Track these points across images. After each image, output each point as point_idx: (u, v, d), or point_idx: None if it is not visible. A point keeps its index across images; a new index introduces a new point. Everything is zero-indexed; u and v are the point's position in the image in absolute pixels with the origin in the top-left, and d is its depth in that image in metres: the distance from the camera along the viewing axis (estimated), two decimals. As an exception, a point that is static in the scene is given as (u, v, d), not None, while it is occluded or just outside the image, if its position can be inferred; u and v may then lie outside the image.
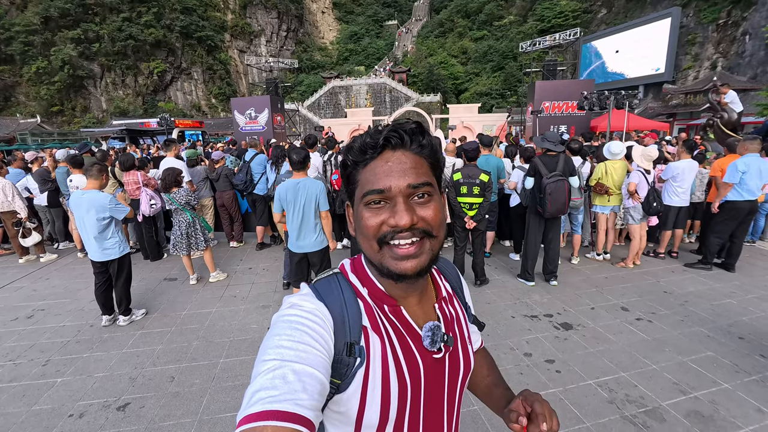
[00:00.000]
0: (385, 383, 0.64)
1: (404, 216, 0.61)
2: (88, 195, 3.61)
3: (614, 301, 4.21)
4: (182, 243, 4.63)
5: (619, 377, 2.92)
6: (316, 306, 0.64)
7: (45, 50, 40.08)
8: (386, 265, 0.64)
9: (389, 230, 0.62)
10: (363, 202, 0.64)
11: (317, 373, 0.55)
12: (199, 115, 44.62)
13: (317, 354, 0.57)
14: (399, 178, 0.62)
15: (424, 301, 0.74)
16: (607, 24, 34.40)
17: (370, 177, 0.64)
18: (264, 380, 0.52)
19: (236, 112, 16.79)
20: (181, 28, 47.49)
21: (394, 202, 0.63)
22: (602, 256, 5.46)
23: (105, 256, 3.73)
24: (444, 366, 0.72)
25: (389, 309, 0.69)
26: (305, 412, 0.50)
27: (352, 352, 0.63)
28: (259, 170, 6.01)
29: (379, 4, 73.20)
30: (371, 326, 0.66)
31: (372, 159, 0.65)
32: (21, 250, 5.99)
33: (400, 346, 0.67)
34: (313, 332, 0.60)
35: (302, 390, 0.52)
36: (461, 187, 4.24)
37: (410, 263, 0.63)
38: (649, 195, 4.76)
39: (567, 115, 14.41)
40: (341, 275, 0.71)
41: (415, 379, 0.67)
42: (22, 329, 3.92)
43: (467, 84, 45.86)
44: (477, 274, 4.56)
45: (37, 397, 2.86)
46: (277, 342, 0.57)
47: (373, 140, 0.64)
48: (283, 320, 0.61)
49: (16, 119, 32.44)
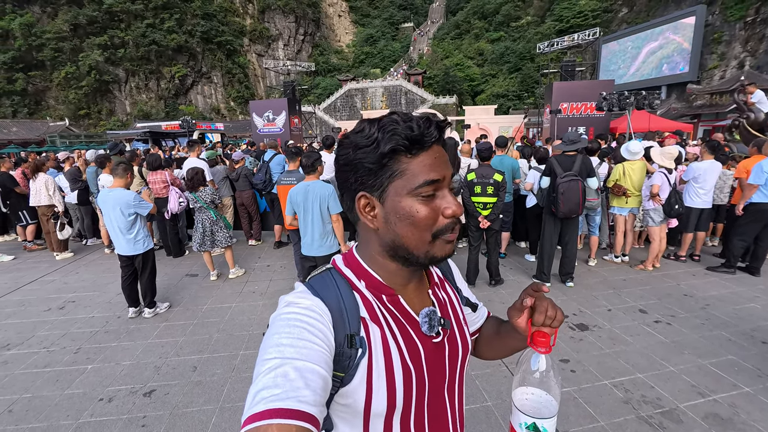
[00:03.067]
0: (389, 371, 0.65)
1: (458, 205, 0.65)
2: (114, 192, 3.81)
3: (632, 304, 4.15)
4: (206, 240, 4.79)
5: (636, 378, 2.89)
6: (312, 302, 0.64)
7: (73, 56, 41.84)
8: (433, 253, 0.65)
9: (448, 222, 0.64)
10: (414, 193, 0.63)
11: (319, 368, 0.56)
12: (218, 118, 45.65)
13: (318, 349, 0.58)
14: (447, 168, 0.65)
15: (419, 288, 0.76)
16: (628, 23, 33.64)
17: (423, 167, 0.63)
18: (266, 379, 0.52)
19: (254, 114, 17.14)
20: (202, 34, 48.86)
21: (444, 193, 0.65)
22: (620, 258, 5.38)
23: (131, 251, 3.92)
24: (444, 350, 0.74)
25: (387, 299, 0.70)
26: (308, 408, 0.51)
27: (353, 344, 0.64)
28: (278, 170, 6.16)
29: (395, 6, 73.56)
30: (370, 317, 0.67)
31: (424, 150, 0.64)
32: (55, 246, 6.30)
33: (400, 334, 0.68)
34: (312, 328, 0.60)
35: (305, 386, 0.52)
36: (475, 186, 4.27)
37: (451, 247, 0.67)
38: (670, 196, 4.67)
39: (586, 116, 14.17)
40: (335, 270, 0.72)
41: (418, 364, 0.68)
42: (55, 319, 4.13)
43: (483, 86, 45.59)
44: (491, 273, 4.57)
45: (69, 382, 3.02)
46: (276, 340, 0.57)
47: (430, 132, 0.63)
48: (282, 319, 0.61)
49: (46, 122, 33.95)
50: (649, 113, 12.04)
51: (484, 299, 4.30)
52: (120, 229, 3.85)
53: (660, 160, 4.78)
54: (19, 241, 7.14)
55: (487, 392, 2.86)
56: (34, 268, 5.80)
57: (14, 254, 6.44)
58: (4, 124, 30.33)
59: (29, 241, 6.81)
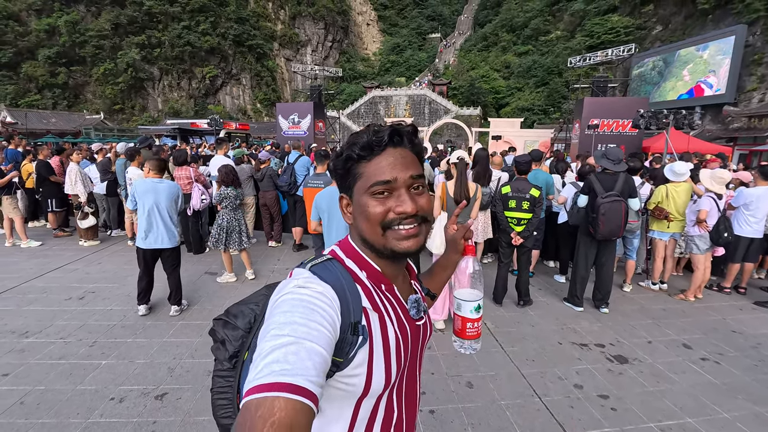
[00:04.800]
0: (386, 355, 0.71)
1: (410, 203, 0.71)
2: (166, 183, 3.85)
3: (674, 337, 3.83)
4: (222, 238, 4.73)
5: (685, 423, 2.61)
6: (324, 288, 0.67)
7: (113, 54, 43.64)
8: (390, 246, 0.73)
9: (395, 217, 0.71)
10: (369, 192, 0.72)
11: (324, 352, 0.58)
12: (244, 119, 46.68)
13: (325, 333, 0.60)
14: (403, 170, 0.72)
15: (405, 278, 0.87)
16: (662, 41, 32.68)
17: (376, 170, 0.72)
18: (278, 354, 0.53)
19: (280, 116, 17.30)
20: (234, 37, 50.26)
21: (399, 192, 0.72)
22: (658, 285, 5.04)
23: (169, 244, 3.89)
24: (420, 331, 0.83)
25: (385, 287, 0.78)
26: (314, 387, 0.52)
27: (356, 332, 0.68)
28: (302, 172, 6.09)
29: (423, 17, 74.02)
30: (371, 306, 0.72)
31: (377, 154, 0.73)
32: (83, 233, 6.40)
33: (395, 319, 0.76)
34: (324, 312, 0.62)
35: (312, 367, 0.54)
36: (510, 201, 4.05)
37: (412, 242, 0.73)
38: (719, 223, 4.33)
39: (617, 134, 13.67)
40: (336, 261, 0.75)
41: (406, 345, 0.76)
42: (74, 309, 4.12)
43: (509, 98, 45.04)
44: (520, 293, 4.32)
45: (82, 377, 2.95)
46: (289, 318, 0.59)
47: (379, 138, 0.72)
48: (294, 298, 0.63)
49: (82, 115, 35.42)
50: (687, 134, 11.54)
51: (513, 321, 4.06)
52: (163, 220, 3.83)
53: (710, 184, 4.46)
54: (48, 228, 7.30)
55: (498, 392, 2.87)
56: (59, 256, 5.88)
57: (42, 240, 6.56)
58: (45, 115, 31.76)
59: (55, 228, 6.95)
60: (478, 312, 0.89)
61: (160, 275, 4.03)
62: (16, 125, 25.95)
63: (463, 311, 0.90)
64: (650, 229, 4.99)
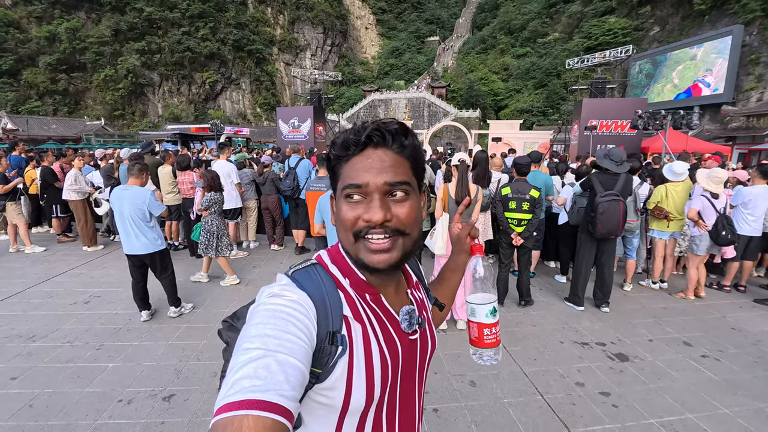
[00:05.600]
0: (368, 368, 0.66)
1: (378, 212, 0.64)
2: (131, 190, 3.78)
3: (675, 335, 3.86)
4: (213, 244, 4.75)
5: (686, 419, 2.64)
6: (299, 296, 0.63)
7: (113, 60, 43.88)
8: (360, 258, 0.67)
9: (364, 225, 0.65)
10: (342, 195, 0.67)
11: (299, 364, 0.55)
12: (244, 123, 46.86)
13: (300, 344, 0.57)
14: (377, 175, 0.65)
15: (399, 288, 0.79)
16: (659, 42, 32.82)
17: (350, 172, 0.66)
18: (247, 369, 0.50)
19: (281, 120, 17.41)
20: (234, 42, 50.58)
21: (371, 198, 0.65)
22: (658, 284, 5.07)
23: (147, 249, 3.81)
24: (417, 346, 0.77)
25: (370, 297, 0.71)
26: (287, 403, 0.50)
27: (335, 341, 0.64)
28: (304, 176, 6.14)
29: (421, 21, 74.40)
30: (353, 315, 0.67)
31: (354, 155, 0.67)
32: (87, 239, 6.45)
33: (381, 331, 0.70)
34: (297, 321, 0.59)
35: (285, 381, 0.51)
36: (510, 202, 4.10)
37: (382, 257, 0.65)
38: (717, 223, 4.37)
39: (616, 134, 13.77)
40: (320, 266, 0.71)
41: (395, 360, 0.70)
42: (80, 313, 4.16)
43: (507, 100, 45.19)
44: (522, 294, 4.36)
45: (90, 380, 2.99)
46: (261, 330, 0.56)
47: (356, 137, 0.66)
48: (267, 309, 0.60)
49: (83, 121, 35.58)
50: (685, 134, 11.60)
51: (514, 320, 4.10)
52: (134, 226, 3.76)
53: (706, 184, 4.50)
54: (52, 233, 7.36)
55: (501, 390, 2.90)
56: (63, 261, 5.92)
57: (46, 245, 6.61)
58: (45, 121, 31.93)
59: (59, 233, 7.00)
60: (495, 315, 0.80)
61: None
62: (17, 132, 26.08)
63: (477, 316, 0.81)
64: (650, 228, 5.03)
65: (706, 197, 4.53)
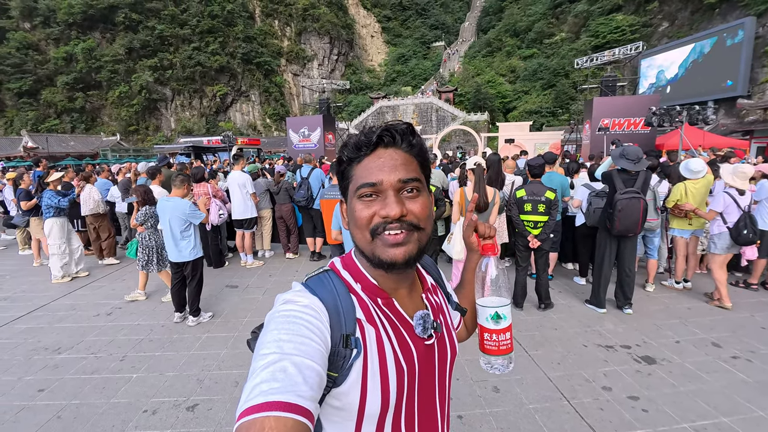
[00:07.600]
0: (383, 372, 0.66)
1: (395, 207, 0.65)
2: (173, 201, 4.00)
3: (702, 336, 3.74)
4: (153, 260, 4.68)
5: (720, 423, 2.55)
6: (311, 300, 0.65)
7: (127, 77, 45.28)
8: (377, 255, 0.67)
9: (381, 221, 0.66)
10: (356, 195, 0.69)
11: (316, 365, 0.56)
12: (254, 134, 47.59)
13: (315, 346, 0.58)
14: (390, 172, 0.67)
15: (413, 292, 0.78)
16: (669, 38, 32.36)
17: (363, 172, 0.68)
18: (265, 374, 0.52)
19: (291, 130, 17.63)
20: (243, 55, 51.68)
21: (385, 195, 0.67)
22: (681, 284, 4.94)
23: (181, 258, 4.04)
24: (434, 351, 0.76)
25: (382, 301, 0.72)
26: (306, 403, 0.51)
27: (348, 344, 0.64)
28: (317, 185, 6.19)
29: (426, 27, 74.84)
30: (366, 318, 0.68)
31: (366, 155, 0.70)
32: (99, 252, 6.59)
33: (394, 335, 0.70)
34: (310, 325, 0.60)
35: (303, 382, 0.52)
36: (525, 204, 4.06)
37: (399, 251, 0.66)
38: (740, 221, 4.22)
39: (629, 132, 13.57)
40: (332, 272, 0.73)
41: (411, 365, 0.70)
42: (102, 325, 4.24)
43: (516, 102, 44.99)
44: (541, 297, 4.29)
45: (115, 391, 3.03)
46: (275, 336, 0.57)
47: (367, 138, 0.69)
48: (280, 315, 0.61)
49: (99, 137, 36.64)
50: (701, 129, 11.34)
51: (535, 324, 4.03)
52: (174, 236, 4.00)
53: (731, 180, 4.37)
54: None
55: (526, 396, 2.84)
56: (85, 274, 6.05)
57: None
58: (64, 138, 32.97)
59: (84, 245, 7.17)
60: (498, 321, 0.75)
61: (184, 289, 4.15)
62: (38, 149, 26.95)
63: (479, 319, 0.79)
64: (670, 227, 4.91)
65: (730, 194, 4.40)
